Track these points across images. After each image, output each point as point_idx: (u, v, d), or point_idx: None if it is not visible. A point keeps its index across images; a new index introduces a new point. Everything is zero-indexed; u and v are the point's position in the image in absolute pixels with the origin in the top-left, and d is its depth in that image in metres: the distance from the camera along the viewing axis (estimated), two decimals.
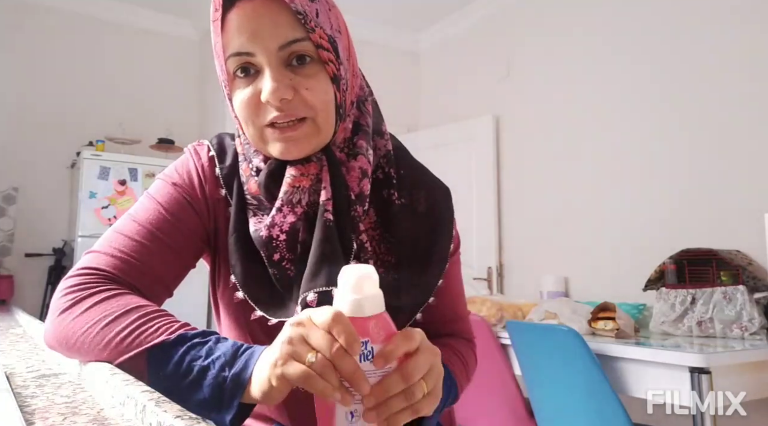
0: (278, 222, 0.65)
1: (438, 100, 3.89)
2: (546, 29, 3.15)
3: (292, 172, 0.65)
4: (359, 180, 0.66)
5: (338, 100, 0.64)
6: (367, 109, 0.71)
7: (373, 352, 0.44)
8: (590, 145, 2.84)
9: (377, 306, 0.45)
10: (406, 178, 0.73)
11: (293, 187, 0.65)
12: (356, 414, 0.45)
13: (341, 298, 0.45)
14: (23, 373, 0.69)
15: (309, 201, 0.65)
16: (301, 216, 0.65)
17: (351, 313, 0.44)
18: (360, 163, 0.67)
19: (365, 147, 0.68)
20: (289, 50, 0.61)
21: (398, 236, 0.69)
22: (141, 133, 3.49)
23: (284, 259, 0.65)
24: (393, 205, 0.69)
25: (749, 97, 2.23)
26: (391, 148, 0.72)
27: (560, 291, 2.78)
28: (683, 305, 2.02)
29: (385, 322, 0.46)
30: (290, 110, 0.62)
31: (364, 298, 0.45)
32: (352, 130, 0.69)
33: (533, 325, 2.04)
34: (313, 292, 0.60)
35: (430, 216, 0.72)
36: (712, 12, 2.38)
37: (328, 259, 0.62)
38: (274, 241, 0.65)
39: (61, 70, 3.50)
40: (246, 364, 0.51)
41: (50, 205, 3.42)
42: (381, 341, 0.45)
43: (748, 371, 1.59)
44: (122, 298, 0.59)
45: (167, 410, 0.42)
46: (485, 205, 3.34)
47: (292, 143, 0.63)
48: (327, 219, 0.63)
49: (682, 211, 2.39)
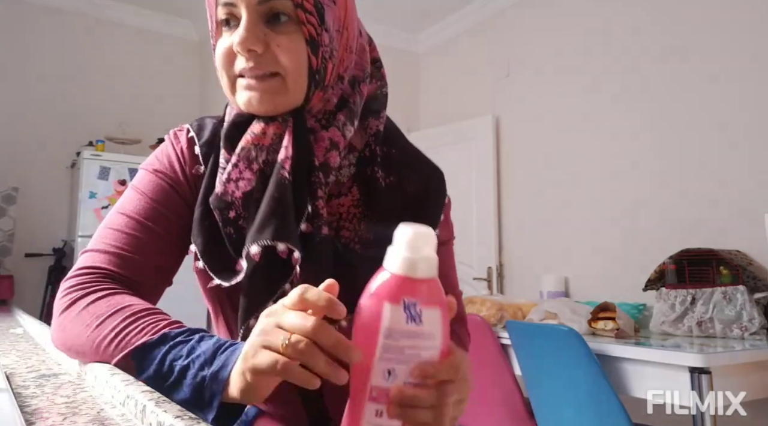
0: (234, 178, 0.64)
1: (438, 100, 3.89)
2: (546, 29, 3.15)
3: (254, 129, 0.65)
4: (326, 150, 0.65)
5: (314, 65, 0.63)
6: (361, 90, 0.69)
7: (421, 315, 0.42)
8: (590, 144, 2.83)
9: (432, 269, 0.43)
10: (397, 159, 0.72)
11: (252, 144, 0.64)
12: (385, 414, 0.43)
13: (394, 255, 0.42)
14: (23, 373, 0.69)
15: (266, 159, 0.65)
16: (257, 173, 0.64)
17: (403, 272, 0.42)
18: (331, 135, 0.65)
19: (343, 121, 0.66)
20: (268, 6, 0.61)
21: (379, 214, 0.67)
22: (141, 133, 3.49)
23: (240, 217, 0.64)
24: (377, 184, 0.68)
25: (749, 97, 2.23)
26: (382, 129, 0.71)
27: (560, 291, 2.78)
28: (683, 305, 2.02)
29: (437, 288, 0.43)
30: (260, 63, 0.62)
31: (419, 259, 0.42)
32: (337, 104, 0.68)
33: (533, 325, 2.04)
34: (257, 245, 0.59)
35: (419, 198, 0.71)
36: (711, 12, 2.38)
37: (277, 216, 0.60)
38: (229, 196, 0.64)
39: (61, 70, 3.50)
40: (225, 363, 0.50)
41: (50, 205, 3.43)
42: (430, 305, 0.42)
43: (748, 371, 1.59)
44: (113, 299, 0.59)
45: (167, 410, 0.42)
46: (485, 205, 3.34)
47: (257, 95, 0.63)
48: (282, 176, 0.62)
49: (682, 211, 2.39)
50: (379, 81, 0.74)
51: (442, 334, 0.43)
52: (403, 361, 0.42)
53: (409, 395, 0.42)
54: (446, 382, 0.44)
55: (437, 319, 0.43)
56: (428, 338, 0.43)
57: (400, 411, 0.42)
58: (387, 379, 0.42)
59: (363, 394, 0.42)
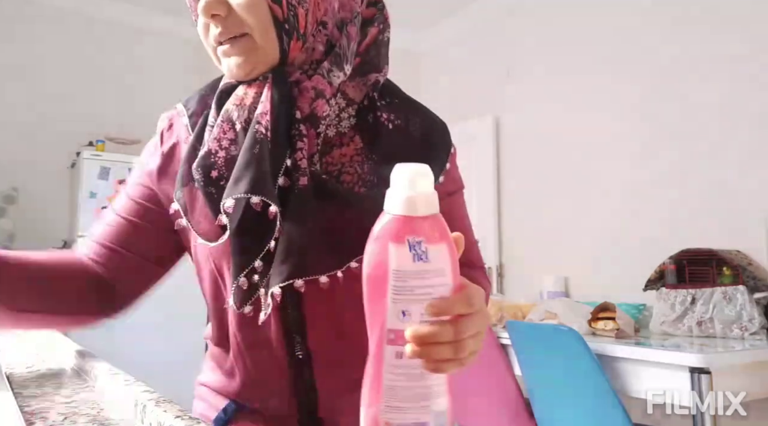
0: (218, 137, 0.64)
1: (438, 100, 3.88)
2: (546, 30, 3.15)
3: (238, 91, 0.66)
4: (312, 100, 0.64)
5: (279, 15, 0.62)
6: (348, 32, 0.67)
7: (427, 253, 0.41)
8: (590, 144, 2.83)
9: (432, 205, 0.42)
10: (401, 105, 0.71)
11: (234, 106, 0.65)
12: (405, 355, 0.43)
13: (393, 196, 0.42)
14: (23, 373, 0.69)
15: (247, 118, 0.64)
16: (239, 133, 0.64)
17: (403, 212, 0.41)
18: (314, 83, 0.64)
19: (327, 67, 0.64)
20: None
21: (383, 153, 0.66)
22: (141, 133, 3.48)
23: (222, 178, 0.63)
24: (382, 127, 0.68)
25: (749, 97, 2.23)
26: (381, 80, 0.70)
27: (560, 291, 2.78)
28: (683, 305, 2.02)
29: (440, 224, 0.43)
30: (226, 27, 0.62)
31: (417, 196, 0.42)
32: (324, 52, 0.66)
33: (533, 325, 2.04)
34: (232, 198, 0.59)
35: (425, 141, 0.70)
36: (711, 12, 2.38)
37: (252, 169, 0.59)
38: (213, 156, 0.64)
39: (62, 70, 3.50)
40: None
41: (50, 205, 3.42)
42: (435, 242, 0.42)
43: (748, 371, 1.59)
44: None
45: (167, 410, 0.42)
46: (485, 205, 3.34)
47: (234, 59, 0.64)
48: (257, 130, 0.61)
49: (682, 211, 2.39)
50: (381, 24, 0.71)
51: (452, 269, 0.43)
52: (415, 300, 0.42)
53: (425, 333, 0.42)
54: (462, 317, 0.44)
55: (444, 254, 0.43)
56: (438, 275, 0.42)
57: (420, 350, 0.42)
58: (402, 320, 0.42)
59: (381, 338, 0.43)
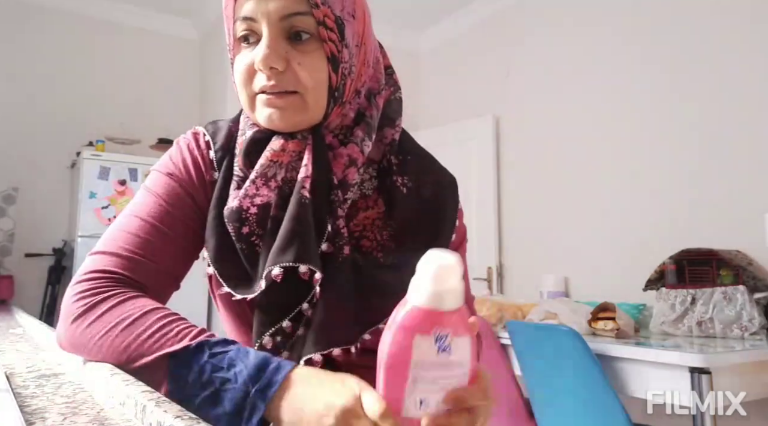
0: (251, 194, 0.64)
1: (438, 100, 3.89)
2: (546, 30, 3.15)
3: (273, 145, 0.65)
4: (345, 167, 0.65)
5: (334, 82, 0.63)
6: (377, 103, 0.69)
7: (451, 345, 0.42)
8: (590, 145, 2.83)
9: (458, 299, 0.42)
10: (413, 164, 0.72)
11: (271, 161, 0.64)
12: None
13: (421, 287, 0.42)
14: (23, 373, 0.69)
15: (285, 177, 0.65)
16: (275, 191, 0.64)
17: (431, 306, 0.42)
18: (349, 151, 0.65)
19: (361, 137, 0.66)
20: (289, 23, 0.61)
21: (399, 219, 0.68)
22: (141, 133, 3.49)
23: (253, 234, 0.64)
24: (397, 191, 0.69)
25: (749, 97, 2.23)
26: (397, 138, 0.71)
27: (560, 291, 2.78)
28: (683, 305, 2.02)
29: (465, 316, 0.43)
30: (280, 81, 0.62)
31: (446, 291, 0.42)
32: (354, 119, 0.68)
33: (533, 325, 2.04)
34: (279, 267, 0.59)
35: (435, 202, 0.71)
36: (710, 13, 2.38)
37: (299, 237, 0.60)
38: (244, 213, 0.64)
39: (62, 70, 3.50)
40: (270, 382, 0.50)
41: (50, 205, 3.42)
42: (459, 335, 0.43)
43: (748, 371, 1.59)
44: (138, 301, 0.58)
45: (167, 410, 0.42)
46: (485, 205, 3.34)
47: (278, 112, 0.63)
48: (303, 196, 0.62)
49: (682, 211, 2.39)
50: (392, 87, 0.74)
51: (471, 359, 0.45)
52: (434, 390, 0.43)
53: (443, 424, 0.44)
54: (477, 406, 0.46)
55: (466, 345, 0.44)
56: (459, 366, 0.44)
57: None
58: (419, 409, 0.43)
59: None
